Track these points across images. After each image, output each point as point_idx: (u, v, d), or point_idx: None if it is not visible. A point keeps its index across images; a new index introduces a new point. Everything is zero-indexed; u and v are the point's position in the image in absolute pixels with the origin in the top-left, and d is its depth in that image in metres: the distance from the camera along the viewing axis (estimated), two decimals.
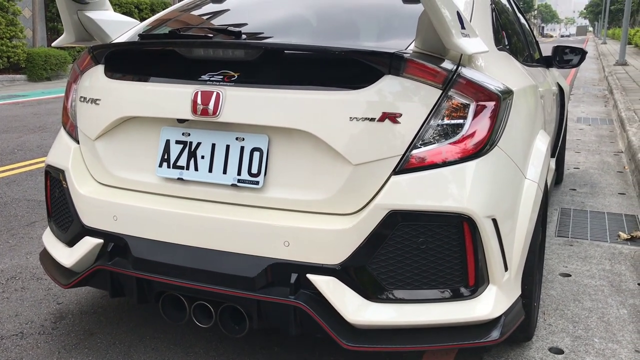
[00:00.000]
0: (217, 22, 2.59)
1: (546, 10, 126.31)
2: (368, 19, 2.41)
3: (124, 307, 2.71)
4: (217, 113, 1.91)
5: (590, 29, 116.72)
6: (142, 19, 18.46)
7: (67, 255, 2.20)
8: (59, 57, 15.35)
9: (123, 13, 18.07)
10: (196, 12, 2.78)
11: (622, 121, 7.52)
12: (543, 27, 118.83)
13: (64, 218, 2.28)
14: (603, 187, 4.88)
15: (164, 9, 18.09)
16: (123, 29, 2.51)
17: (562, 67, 3.95)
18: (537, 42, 4.04)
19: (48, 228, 2.47)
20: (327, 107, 1.83)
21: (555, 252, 3.42)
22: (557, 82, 4.12)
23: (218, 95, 1.91)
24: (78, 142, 2.28)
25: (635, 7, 35.06)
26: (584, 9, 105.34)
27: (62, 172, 2.24)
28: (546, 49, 4.23)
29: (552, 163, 3.69)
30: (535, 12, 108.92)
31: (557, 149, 4.17)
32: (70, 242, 2.21)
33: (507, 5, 3.42)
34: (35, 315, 2.64)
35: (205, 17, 2.72)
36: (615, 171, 5.45)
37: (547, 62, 3.83)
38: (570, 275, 3.07)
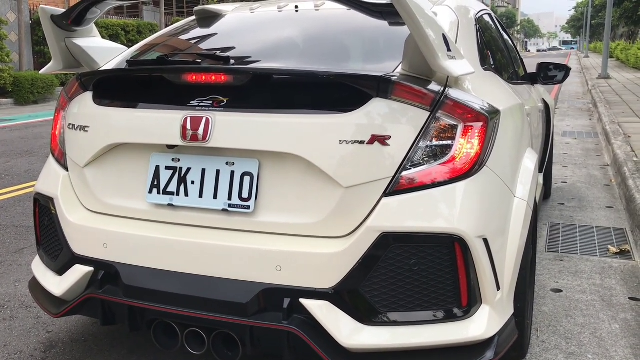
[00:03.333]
0: (204, 46, 2.59)
1: (529, 26, 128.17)
2: (354, 41, 2.42)
3: (115, 334, 2.68)
4: (207, 138, 1.89)
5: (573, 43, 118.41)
6: (128, 41, 18.50)
7: (57, 284, 2.16)
8: (46, 80, 15.32)
9: (110, 35, 18.11)
10: (184, 37, 2.79)
11: (607, 134, 7.61)
12: (526, 42, 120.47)
13: (54, 246, 2.25)
14: (591, 200, 4.93)
15: (151, 31, 18.10)
16: (111, 55, 2.50)
17: (547, 84, 3.98)
18: (521, 59, 4.08)
19: (37, 256, 2.43)
20: (317, 130, 1.83)
21: (546, 267, 3.44)
22: (543, 98, 4.17)
23: (208, 120, 1.90)
24: (67, 170, 2.25)
25: (616, 21, 35.68)
26: (566, 23, 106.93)
27: (52, 199, 2.22)
28: (528, 64, 4.27)
29: (540, 178, 3.73)
30: (519, 27, 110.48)
31: (545, 164, 4.19)
32: (60, 271, 2.17)
33: (491, 24, 3.43)
34: (24, 344, 2.60)
35: (192, 42, 2.73)
36: (602, 185, 5.51)
37: (532, 79, 3.86)
38: (561, 291, 3.09)
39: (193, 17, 2.95)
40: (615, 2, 29.20)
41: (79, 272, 2.08)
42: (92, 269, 2.05)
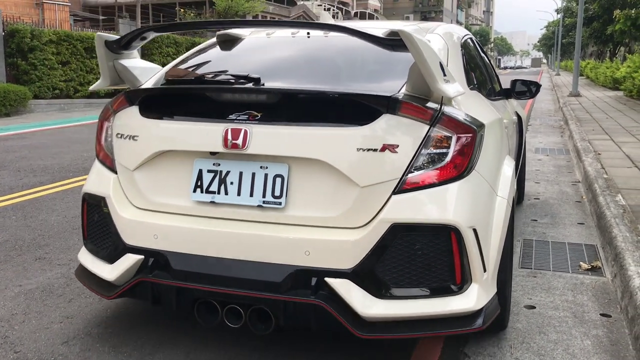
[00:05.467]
0: (233, 67, 2.83)
1: (502, 44, 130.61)
2: (362, 65, 2.80)
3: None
4: (245, 146, 2.26)
5: (544, 61, 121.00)
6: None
7: (109, 271, 2.48)
8: (18, 92, 15.06)
9: (85, 48, 17.95)
10: (212, 58, 3.11)
11: (578, 151, 7.76)
12: (500, 60, 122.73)
13: (104, 239, 2.58)
14: (563, 217, 5.01)
15: None
16: (149, 74, 2.85)
17: (519, 99, 4.31)
18: (497, 76, 4.35)
19: (84, 248, 2.76)
20: (338, 140, 2.22)
21: (520, 284, 3.47)
22: (516, 111, 4.54)
23: (246, 132, 2.27)
24: (116, 173, 2.59)
25: (585, 41, 36.60)
26: (538, 42, 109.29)
27: (103, 199, 2.55)
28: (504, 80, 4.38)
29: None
30: (492, 45, 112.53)
31: (518, 171, 4.47)
32: (112, 259, 2.49)
33: (473, 46, 3.82)
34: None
35: (222, 63, 3.02)
36: (573, 201, 5.61)
37: (506, 94, 4.15)
38: (535, 307, 3.12)
39: (214, 40, 3.25)
40: (585, 22, 29.96)
41: (130, 260, 2.41)
42: (142, 257, 2.39)
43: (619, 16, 20.57)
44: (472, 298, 2.22)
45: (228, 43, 3.14)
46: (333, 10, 41.37)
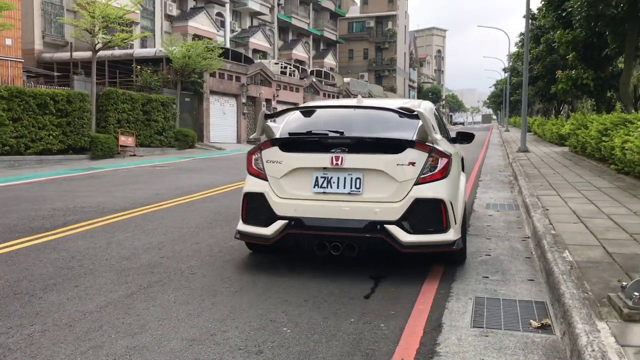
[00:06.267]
0: (322, 125, 5.20)
1: (453, 100, 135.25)
2: (391, 124, 5.14)
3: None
4: (342, 164, 4.65)
5: (494, 117, 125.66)
6: (57, 110, 18.27)
7: (267, 230, 4.83)
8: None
9: (37, 105, 17.72)
10: (306, 120, 5.46)
11: (527, 207, 7.98)
12: (451, 116, 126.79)
13: (260, 215, 4.91)
14: (513, 273, 5.10)
15: (81, 101, 17.65)
16: (277, 131, 5.25)
17: (461, 144, 6.76)
18: (447, 129, 6.92)
19: (242, 222, 5.10)
20: (388, 159, 4.63)
21: (472, 344, 3.49)
22: (457, 152, 6.41)
23: (342, 157, 4.67)
24: (267, 180, 4.95)
25: (532, 98, 38.35)
26: (487, 99, 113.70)
27: (261, 194, 4.91)
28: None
29: None
30: (444, 102, 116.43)
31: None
32: (267, 224, 4.84)
33: (437, 112, 6.45)
34: None
35: (313, 122, 5.36)
36: (524, 257, 5.72)
37: (454, 140, 6.62)
38: None
39: (297, 110, 5.49)
40: (530, 81, 31.45)
41: (280, 223, 4.78)
42: (287, 221, 4.74)
43: (561, 76, 21.72)
44: (451, 234, 4.70)
45: (309, 111, 5.58)
46: (290, 68, 42.19)
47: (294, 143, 4.97)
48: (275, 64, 41.06)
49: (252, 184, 5.01)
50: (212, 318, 3.97)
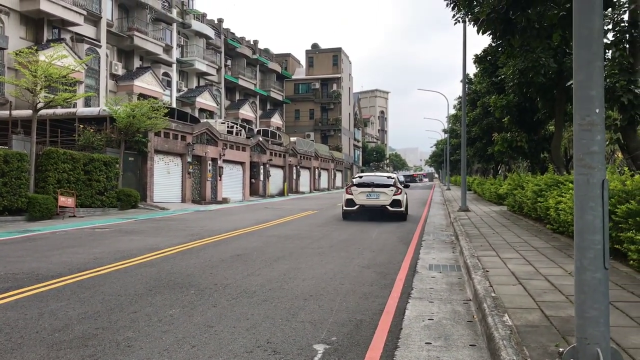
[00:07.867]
0: (363, 180, 20.55)
1: (397, 159, 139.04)
2: (389, 180, 20.35)
3: None
4: (373, 190, 19.44)
5: (436, 175, 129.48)
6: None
7: (352, 208, 19.46)
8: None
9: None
10: (359, 179, 20.82)
11: (468, 268, 8.15)
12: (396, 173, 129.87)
13: (350, 205, 19.40)
14: (456, 339, 5.14)
15: (19, 161, 17.09)
16: (355, 180, 20.86)
17: (406, 188, 22.89)
18: (401, 181, 22.56)
19: (344, 207, 19.63)
20: (388, 189, 19.40)
21: None
22: (406, 192, 20.74)
23: (374, 190, 19.39)
24: (352, 195, 19.56)
25: (471, 158, 39.81)
26: (429, 157, 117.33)
27: (352, 199, 19.49)
28: None
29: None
30: (387, 160, 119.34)
31: (407, 198, 21.56)
32: (353, 206, 19.49)
33: (397, 176, 23.62)
34: None
35: (361, 178, 20.98)
36: (465, 321, 5.78)
37: (404, 185, 23.06)
38: None
39: (360, 174, 21.91)
40: (469, 142, 32.74)
41: (357, 205, 19.42)
42: (360, 205, 19.39)
43: (497, 138, 22.75)
44: (404, 209, 19.49)
45: (362, 178, 20.89)
46: (236, 127, 42.43)
47: (359, 184, 19.47)
48: (222, 123, 41.20)
49: (348, 196, 19.37)
50: None
